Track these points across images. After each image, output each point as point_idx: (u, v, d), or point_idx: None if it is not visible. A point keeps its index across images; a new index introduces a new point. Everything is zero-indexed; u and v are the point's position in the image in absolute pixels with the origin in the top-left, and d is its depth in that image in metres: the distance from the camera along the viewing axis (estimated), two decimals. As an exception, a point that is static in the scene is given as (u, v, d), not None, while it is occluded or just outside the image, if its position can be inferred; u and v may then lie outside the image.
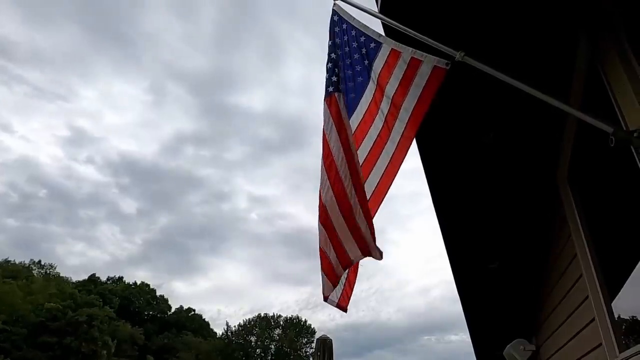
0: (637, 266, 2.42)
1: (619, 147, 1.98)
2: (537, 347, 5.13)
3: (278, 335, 59.82)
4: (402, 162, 2.56)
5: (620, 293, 2.73)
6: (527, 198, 4.04)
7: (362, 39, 2.72)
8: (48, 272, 61.32)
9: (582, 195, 3.22)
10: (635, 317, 2.69)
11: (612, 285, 2.83)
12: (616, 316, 2.79)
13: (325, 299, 3.01)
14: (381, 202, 2.67)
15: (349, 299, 3.00)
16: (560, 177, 3.50)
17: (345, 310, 3.01)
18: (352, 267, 2.97)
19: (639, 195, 2.15)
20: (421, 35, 2.38)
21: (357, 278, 3.08)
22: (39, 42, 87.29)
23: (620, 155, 2.15)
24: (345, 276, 3.00)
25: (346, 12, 2.94)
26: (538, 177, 3.76)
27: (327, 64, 2.96)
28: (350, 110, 2.76)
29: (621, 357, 2.61)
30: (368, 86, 2.69)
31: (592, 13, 2.33)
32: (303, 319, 61.66)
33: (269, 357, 58.64)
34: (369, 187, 2.68)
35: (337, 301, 3.00)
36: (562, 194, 3.48)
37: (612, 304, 2.83)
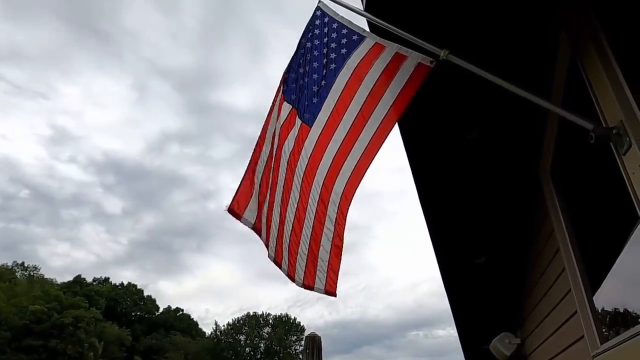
0: (618, 260, 2.47)
1: (599, 144, 2.02)
2: (522, 340, 5.22)
3: (267, 333, 59.78)
4: (376, 153, 2.56)
5: (601, 287, 2.79)
6: (512, 194, 4.10)
7: (344, 31, 2.71)
8: (32, 274, 60.12)
9: (564, 191, 3.28)
10: (615, 309, 2.75)
11: (594, 279, 2.88)
12: (597, 309, 2.85)
13: (310, 288, 2.92)
14: (355, 189, 2.67)
15: (335, 284, 2.88)
16: (542, 173, 3.56)
17: (334, 295, 2.88)
18: (333, 252, 2.87)
19: (619, 191, 2.19)
20: (406, 34, 2.39)
21: (340, 264, 2.92)
22: (18, 38, 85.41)
23: (601, 151, 2.19)
24: (327, 262, 2.89)
25: (331, 9, 2.93)
26: (522, 173, 3.82)
27: (294, 61, 3.04)
28: (321, 98, 2.75)
29: (602, 348, 2.67)
30: (341, 73, 2.67)
31: (572, 11, 2.37)
32: (292, 317, 61.78)
33: (259, 356, 58.55)
34: (344, 174, 2.68)
35: (323, 288, 2.90)
36: (545, 189, 3.54)
37: (594, 298, 2.89)
